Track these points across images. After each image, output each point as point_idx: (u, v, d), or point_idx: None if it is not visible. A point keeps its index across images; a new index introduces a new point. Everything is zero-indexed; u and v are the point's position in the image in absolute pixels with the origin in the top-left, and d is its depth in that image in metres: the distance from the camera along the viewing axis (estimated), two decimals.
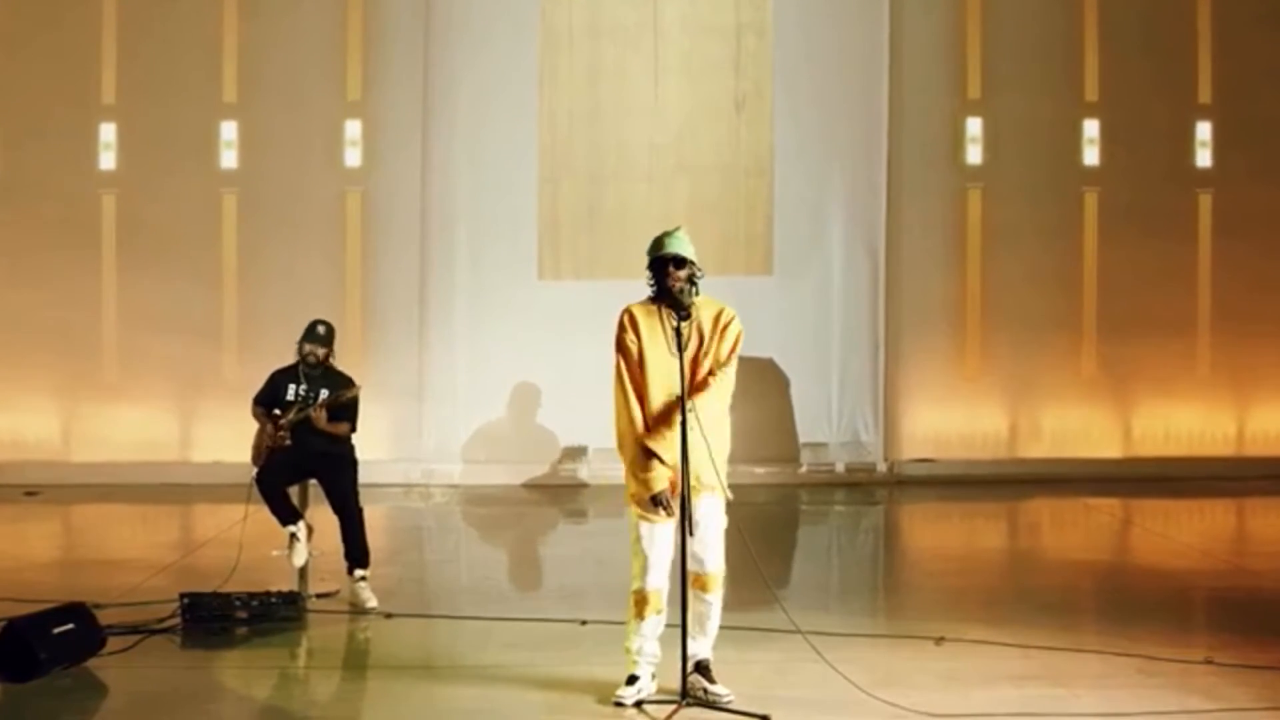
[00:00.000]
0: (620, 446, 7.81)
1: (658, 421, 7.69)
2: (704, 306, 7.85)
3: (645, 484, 7.66)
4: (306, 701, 8.33)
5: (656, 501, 7.65)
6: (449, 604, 10.62)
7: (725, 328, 7.83)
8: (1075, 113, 17.59)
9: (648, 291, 7.89)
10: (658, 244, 7.82)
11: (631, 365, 7.77)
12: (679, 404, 7.58)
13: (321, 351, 10.52)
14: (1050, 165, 17.53)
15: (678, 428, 7.58)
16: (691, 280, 7.78)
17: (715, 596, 7.80)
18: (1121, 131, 17.53)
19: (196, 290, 17.00)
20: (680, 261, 7.75)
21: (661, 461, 7.62)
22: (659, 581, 7.79)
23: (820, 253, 17.32)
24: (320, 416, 10.28)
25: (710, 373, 7.77)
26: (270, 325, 15.44)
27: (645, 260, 7.87)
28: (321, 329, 10.56)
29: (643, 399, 7.73)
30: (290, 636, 9.64)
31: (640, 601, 7.79)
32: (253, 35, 17.19)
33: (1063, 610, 10.23)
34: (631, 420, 7.72)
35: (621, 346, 7.82)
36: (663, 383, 7.71)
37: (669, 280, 7.75)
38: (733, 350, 7.83)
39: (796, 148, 17.27)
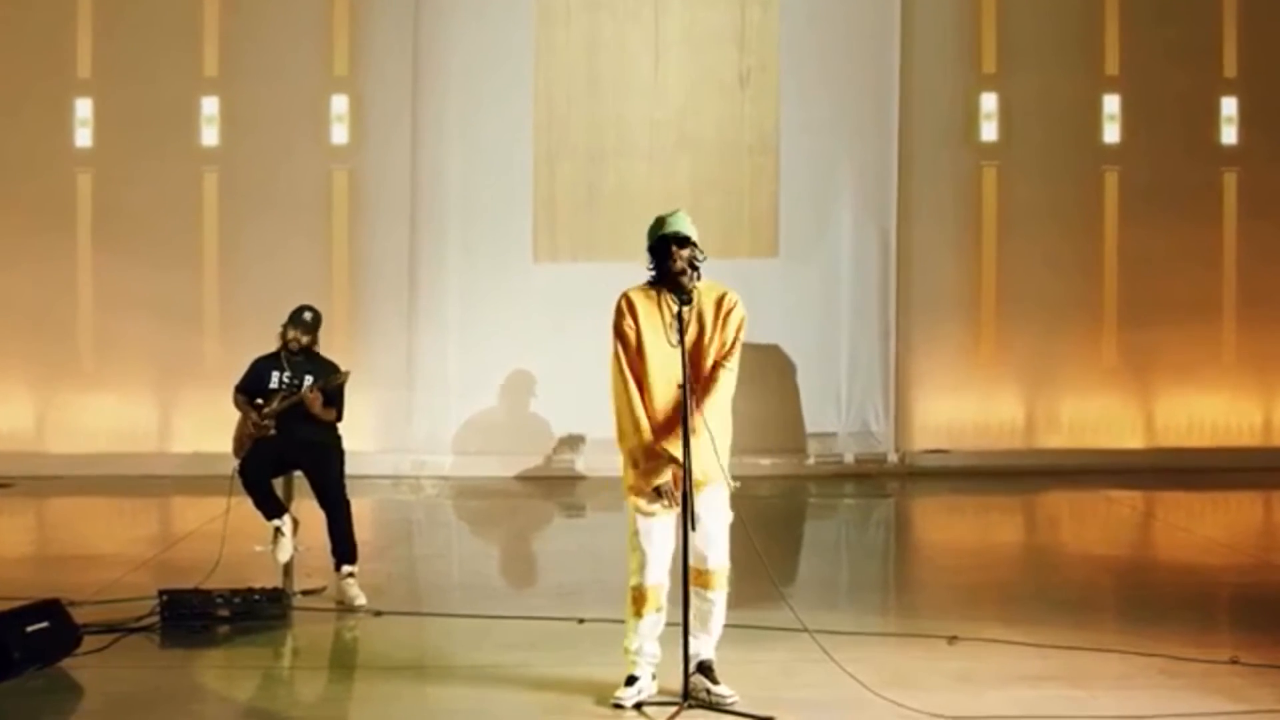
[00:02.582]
0: (620, 437, 7.78)
1: (661, 414, 7.68)
2: (706, 291, 7.79)
3: (647, 475, 7.65)
4: (291, 703, 8.32)
5: (659, 493, 7.65)
6: (440, 601, 10.61)
7: (728, 314, 7.78)
8: (1095, 88, 17.58)
9: (647, 275, 7.86)
10: (659, 224, 7.78)
11: (630, 353, 7.75)
12: (681, 394, 7.57)
13: (305, 338, 10.50)
14: (1068, 143, 17.52)
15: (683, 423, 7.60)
16: (693, 263, 7.75)
17: (718, 594, 7.78)
18: (1143, 107, 17.52)
19: (176, 273, 16.99)
20: (684, 241, 7.72)
21: (670, 456, 7.60)
22: (658, 577, 7.78)
23: (828, 234, 17.31)
24: (315, 399, 10.25)
25: (717, 364, 7.74)
26: (253, 309, 15.44)
27: (645, 241, 7.83)
28: (308, 315, 10.53)
29: (643, 389, 7.72)
30: (274, 635, 9.64)
31: (639, 598, 7.78)
32: (235, 7, 17.19)
33: (1081, 608, 10.23)
34: (632, 409, 7.68)
35: (619, 333, 7.78)
36: (662, 373, 7.68)
37: (672, 261, 7.71)
38: (735, 341, 7.78)
39: (803, 124, 17.25)
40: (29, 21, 17.06)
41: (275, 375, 10.47)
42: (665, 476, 7.62)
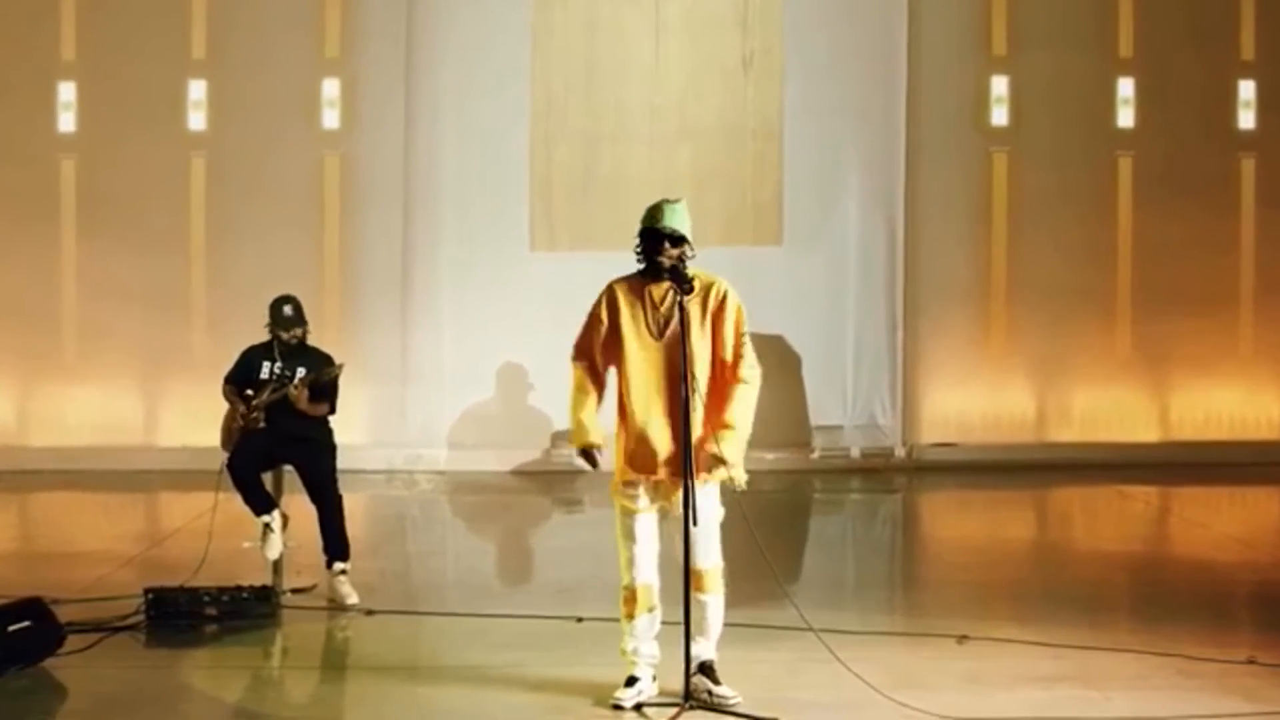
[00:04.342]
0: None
1: (644, 410, 7.70)
2: (696, 281, 7.81)
3: (576, 431, 7.94)
4: (281, 704, 8.33)
5: (585, 455, 7.89)
6: (435, 600, 10.62)
7: (720, 306, 7.80)
8: (1109, 71, 17.55)
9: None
10: (655, 213, 7.80)
11: (593, 337, 7.90)
12: (669, 390, 7.59)
13: (298, 331, 10.49)
14: (1082, 127, 17.48)
15: (665, 418, 7.59)
16: (681, 260, 7.75)
17: (711, 596, 7.78)
18: (1158, 91, 17.48)
19: (162, 261, 16.94)
20: (677, 239, 7.73)
21: (652, 454, 7.71)
22: (647, 577, 7.80)
23: (833, 221, 17.29)
24: (302, 395, 10.25)
25: (736, 364, 7.83)
26: (241, 299, 15.37)
27: (640, 227, 7.85)
28: (288, 309, 10.49)
29: (625, 384, 7.80)
30: (263, 635, 9.65)
31: (629, 599, 7.82)
32: None
33: (1095, 606, 10.23)
34: (571, 381, 7.96)
35: (591, 316, 7.95)
36: (643, 368, 7.72)
37: (660, 255, 7.73)
38: (740, 334, 7.82)
39: (808, 108, 17.22)
40: (10, 1, 17.01)
41: (266, 366, 10.46)
42: (590, 438, 7.92)
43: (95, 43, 17.07)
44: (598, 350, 7.89)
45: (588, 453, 7.93)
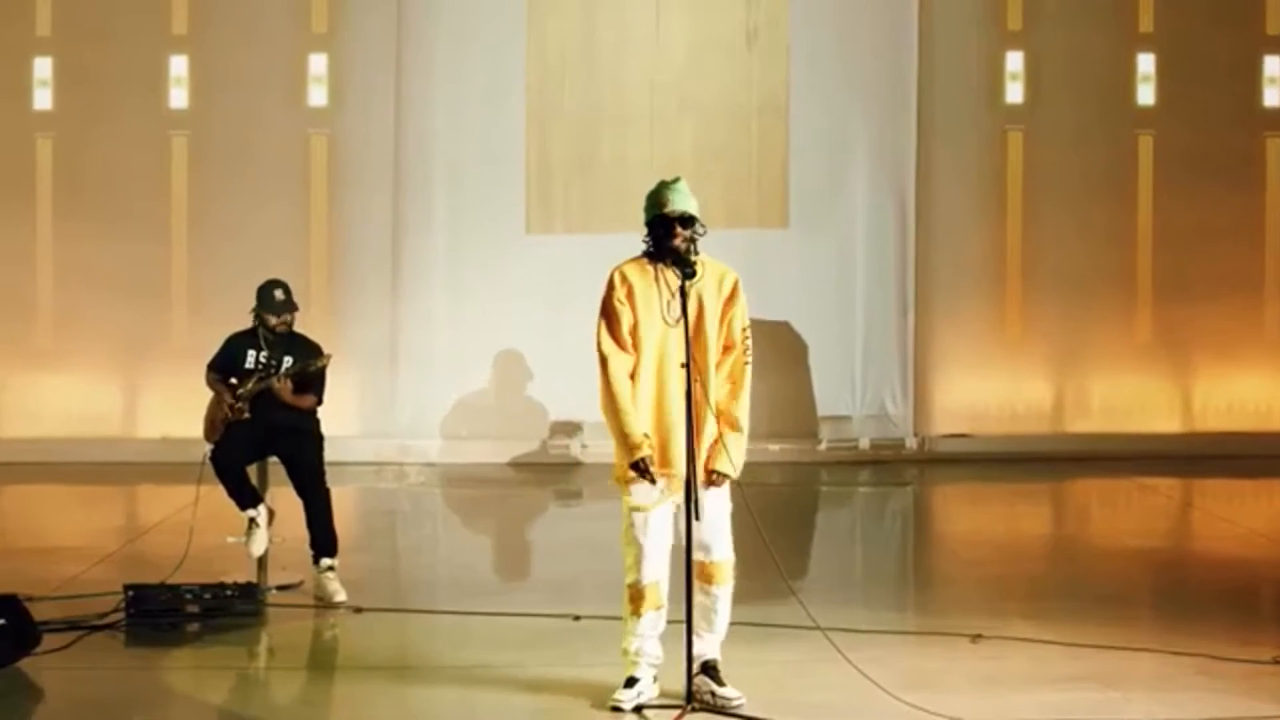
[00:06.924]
0: (605, 413, 7.76)
1: (656, 397, 7.67)
2: (706, 267, 7.79)
3: (629, 449, 7.61)
4: (266, 705, 8.33)
5: (637, 468, 7.60)
6: (426, 597, 10.62)
7: (730, 297, 7.78)
8: (1128, 46, 17.53)
9: (643, 247, 7.84)
10: (660, 198, 7.76)
11: (619, 332, 7.73)
12: (683, 376, 7.55)
13: (289, 317, 10.46)
14: (1100, 105, 17.48)
15: (677, 403, 7.56)
16: (693, 240, 7.74)
17: (723, 589, 7.77)
18: (1179, 67, 17.47)
19: (142, 244, 16.94)
20: (688, 220, 7.71)
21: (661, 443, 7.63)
22: (657, 573, 7.76)
23: (842, 202, 17.28)
24: (285, 388, 10.23)
25: (731, 354, 7.76)
26: (224, 284, 15.44)
27: (644, 212, 7.83)
28: (279, 293, 10.44)
29: (636, 371, 7.72)
30: (248, 633, 9.63)
31: (636, 597, 7.77)
32: None
33: (1114, 604, 10.23)
34: (616, 394, 7.66)
35: (608, 309, 7.77)
36: (658, 353, 7.68)
37: (673, 239, 7.70)
38: (744, 329, 7.78)
39: (815, 85, 17.21)
40: None
41: (251, 354, 10.43)
42: (644, 451, 7.59)
43: (72, 17, 17.05)
44: (628, 340, 7.73)
45: (644, 466, 7.62)
